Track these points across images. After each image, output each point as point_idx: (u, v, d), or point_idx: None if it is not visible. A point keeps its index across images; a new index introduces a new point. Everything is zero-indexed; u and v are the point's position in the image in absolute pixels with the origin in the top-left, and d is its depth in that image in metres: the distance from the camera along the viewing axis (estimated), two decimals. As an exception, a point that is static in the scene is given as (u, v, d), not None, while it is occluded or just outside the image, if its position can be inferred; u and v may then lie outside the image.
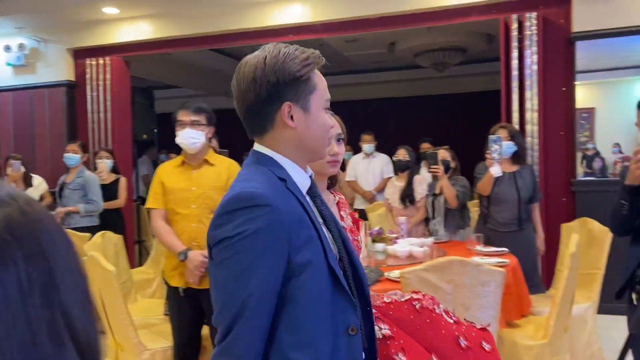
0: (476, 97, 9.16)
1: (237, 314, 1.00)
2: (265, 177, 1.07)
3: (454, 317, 1.62)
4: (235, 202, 1.03)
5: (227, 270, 1.02)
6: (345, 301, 1.08)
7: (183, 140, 2.56)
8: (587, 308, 3.20)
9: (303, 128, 1.11)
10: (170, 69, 8.25)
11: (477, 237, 3.26)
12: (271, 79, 1.07)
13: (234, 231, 1.01)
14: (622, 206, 2.03)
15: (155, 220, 2.61)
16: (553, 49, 4.65)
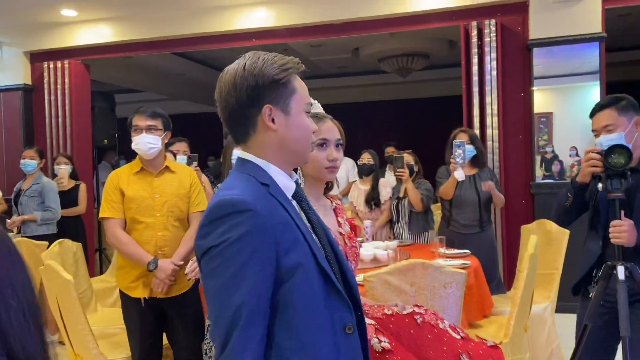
0: (438, 102, 9.33)
1: (232, 324, 0.99)
2: (247, 184, 1.09)
3: (461, 333, 1.62)
4: (217, 210, 1.04)
5: (216, 279, 1.02)
6: (339, 301, 1.10)
7: (139, 146, 2.49)
8: (545, 307, 3.29)
9: (284, 130, 1.13)
10: (131, 72, 8.10)
11: (439, 239, 3.31)
12: (250, 83, 1.10)
13: (218, 239, 1.02)
14: (566, 198, 2.16)
15: (114, 230, 2.47)
16: (511, 55, 4.79)
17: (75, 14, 5.60)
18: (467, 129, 3.88)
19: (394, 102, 9.70)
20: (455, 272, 2.30)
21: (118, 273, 2.59)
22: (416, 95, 10.04)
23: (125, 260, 2.53)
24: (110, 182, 2.52)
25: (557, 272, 3.37)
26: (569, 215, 2.23)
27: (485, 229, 3.76)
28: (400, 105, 9.87)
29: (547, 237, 3.50)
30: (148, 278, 2.50)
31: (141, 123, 2.51)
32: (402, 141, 6.47)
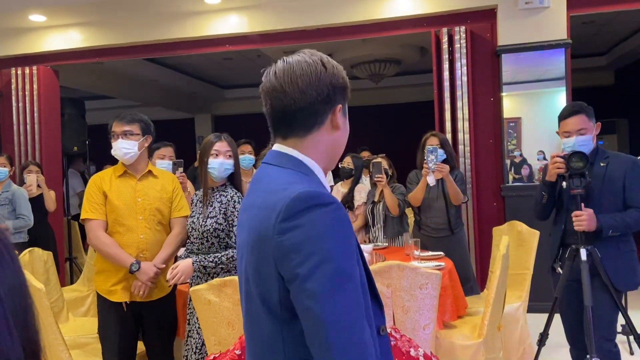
0: (411, 107, 9.47)
1: (347, 325, 0.94)
2: (310, 181, 1.07)
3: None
4: (299, 203, 0.98)
5: (314, 280, 0.94)
6: (375, 303, 1.10)
7: (116, 152, 2.53)
8: (518, 307, 3.36)
9: (342, 132, 1.16)
10: (103, 79, 7.97)
11: (414, 242, 3.35)
12: (333, 81, 1.11)
13: (307, 233, 0.96)
14: (542, 197, 2.60)
15: (96, 232, 2.47)
16: (481, 61, 4.90)
17: (43, 19, 5.50)
18: (437, 133, 3.94)
19: (367, 108, 9.79)
20: (430, 273, 2.34)
21: (97, 277, 2.56)
22: (389, 101, 10.16)
23: (105, 264, 2.51)
24: (93, 184, 2.53)
25: (528, 272, 3.44)
26: (546, 210, 2.64)
27: (456, 232, 3.81)
28: (373, 111, 9.96)
29: (518, 238, 3.58)
30: (129, 282, 2.50)
31: (117, 129, 2.54)
32: (375, 146, 6.53)
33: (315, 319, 0.94)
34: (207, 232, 2.44)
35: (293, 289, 0.97)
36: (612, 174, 2.43)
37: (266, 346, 1.06)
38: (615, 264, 2.41)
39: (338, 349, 0.92)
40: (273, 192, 1.04)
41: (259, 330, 1.07)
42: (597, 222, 2.37)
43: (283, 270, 0.98)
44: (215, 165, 2.48)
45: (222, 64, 8.52)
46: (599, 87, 9.36)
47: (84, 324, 3.42)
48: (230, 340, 2.13)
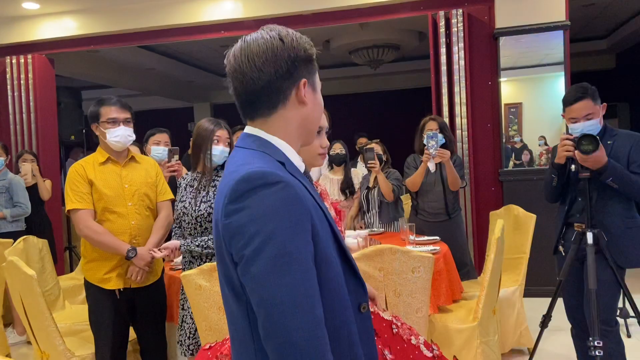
0: (409, 93, 9.41)
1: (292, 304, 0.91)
2: (263, 160, 1.03)
3: (435, 351, 1.62)
4: (245, 184, 0.96)
5: (260, 261, 0.92)
6: (354, 280, 1.09)
7: (120, 139, 2.49)
8: (514, 291, 3.35)
9: (311, 107, 1.11)
10: (99, 67, 7.93)
11: (409, 227, 3.33)
12: (291, 54, 1.05)
13: (252, 215, 0.94)
14: (552, 179, 2.55)
15: (86, 221, 2.42)
16: (479, 45, 4.84)
17: (37, 6, 5.44)
18: (436, 117, 3.90)
19: (365, 95, 9.74)
20: (422, 256, 2.32)
21: (87, 267, 2.52)
22: (387, 87, 10.10)
23: (96, 253, 2.48)
24: (76, 174, 2.46)
25: (524, 256, 3.43)
26: (555, 192, 2.59)
27: (453, 216, 3.78)
28: (371, 97, 9.91)
29: (515, 222, 3.56)
30: (123, 269, 2.49)
31: (119, 115, 2.50)
32: (373, 132, 6.49)
33: (259, 299, 0.93)
34: (201, 217, 2.43)
35: (240, 270, 0.96)
36: (617, 151, 2.41)
37: (238, 327, 1.04)
38: (621, 242, 2.40)
39: (281, 329, 0.90)
40: (227, 175, 1.04)
41: (231, 312, 1.07)
42: (604, 164, 2.29)
43: (232, 253, 0.97)
44: (217, 153, 2.48)
45: (220, 52, 8.44)
46: (600, 71, 9.28)
47: (81, 311, 3.41)
48: (221, 325, 2.12)
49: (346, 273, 1.06)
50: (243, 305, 1.00)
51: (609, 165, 2.30)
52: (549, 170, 2.60)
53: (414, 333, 1.65)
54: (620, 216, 2.42)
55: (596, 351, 2.19)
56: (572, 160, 2.41)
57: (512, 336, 3.32)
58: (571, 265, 2.46)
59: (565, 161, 2.46)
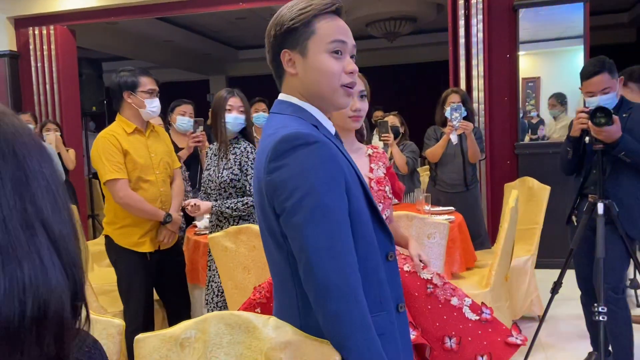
0: (426, 67, 9.35)
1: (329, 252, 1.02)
2: (298, 122, 1.13)
3: (486, 315, 1.56)
4: (284, 144, 1.06)
5: (300, 214, 1.03)
6: (382, 231, 1.20)
7: (157, 110, 2.63)
8: (526, 260, 3.44)
9: (302, 73, 1.16)
10: (118, 39, 8.01)
11: (425, 197, 3.41)
12: (272, 32, 1.17)
13: (292, 171, 1.04)
14: (567, 152, 2.59)
15: (126, 190, 2.51)
16: (497, 17, 4.82)
17: (58, -22, 5.52)
18: (459, 89, 3.94)
19: (382, 68, 9.70)
20: (438, 222, 2.41)
21: (119, 232, 2.62)
22: (404, 61, 10.04)
23: (130, 219, 2.58)
24: (110, 144, 2.51)
25: (537, 226, 3.50)
26: (571, 165, 2.63)
27: (471, 188, 3.86)
28: (388, 70, 9.87)
29: (529, 194, 3.62)
30: (153, 233, 2.64)
31: (155, 87, 2.63)
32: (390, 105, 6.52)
33: (300, 246, 1.04)
34: (224, 183, 2.54)
35: (282, 221, 1.07)
36: (632, 124, 2.43)
37: (281, 277, 1.16)
38: (633, 213, 2.46)
39: (320, 272, 1.02)
40: (266, 137, 1.13)
41: (273, 261, 1.19)
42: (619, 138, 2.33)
43: (275, 206, 1.08)
44: (230, 120, 2.57)
45: (236, 24, 8.47)
46: (620, 44, 9.12)
47: (108, 274, 3.57)
48: (246, 284, 2.25)
49: (375, 225, 1.16)
50: (284, 253, 1.11)
51: (622, 139, 2.34)
52: (564, 143, 2.64)
53: (458, 294, 1.61)
54: (633, 189, 2.47)
55: (600, 316, 2.27)
56: (587, 132, 2.45)
57: (523, 304, 3.42)
58: (583, 235, 2.52)
59: (580, 134, 2.50)
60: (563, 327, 3.40)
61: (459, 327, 1.56)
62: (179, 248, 2.83)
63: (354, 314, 1.02)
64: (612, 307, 2.37)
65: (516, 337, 1.58)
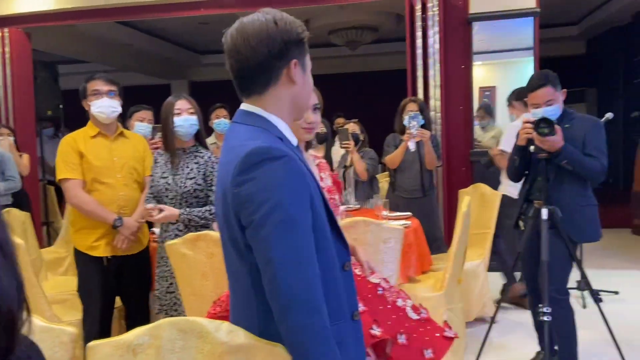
0: (386, 75, 9.52)
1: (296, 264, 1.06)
2: (266, 135, 1.15)
3: (423, 315, 1.73)
4: (253, 157, 1.08)
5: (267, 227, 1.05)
6: (340, 242, 1.24)
7: (103, 110, 2.59)
8: (479, 264, 3.57)
9: (301, 85, 1.21)
10: (76, 42, 7.84)
11: (383, 203, 3.50)
12: (284, 37, 1.16)
13: (260, 185, 1.06)
14: (514, 160, 2.74)
15: (75, 190, 2.55)
16: (453, 29, 4.99)
17: (13, -21, 5.38)
18: (416, 99, 4.07)
19: (343, 75, 9.84)
20: (394, 228, 2.49)
21: (76, 235, 2.66)
22: (365, 69, 10.21)
23: (85, 221, 2.61)
24: (67, 145, 2.58)
25: (489, 231, 3.64)
26: (518, 172, 2.78)
27: (428, 194, 3.98)
28: (350, 78, 10.02)
29: (482, 200, 3.76)
30: (110, 237, 2.61)
31: (102, 87, 2.61)
32: (352, 112, 6.62)
33: (266, 259, 1.07)
34: (187, 193, 2.50)
35: (249, 233, 1.10)
36: (574, 134, 2.58)
37: (242, 288, 1.19)
38: (575, 218, 2.59)
39: (285, 285, 1.05)
40: (233, 148, 1.15)
41: (235, 275, 1.22)
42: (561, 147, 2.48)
43: (241, 218, 1.11)
44: (181, 122, 2.50)
45: (198, 29, 8.42)
46: (570, 56, 9.54)
47: (63, 282, 3.51)
48: (204, 291, 2.26)
49: (333, 236, 1.21)
50: (246, 264, 1.14)
51: (564, 149, 2.49)
52: (512, 152, 2.78)
53: (401, 296, 1.75)
54: (575, 195, 2.62)
55: (545, 317, 2.39)
56: (532, 142, 2.58)
57: (476, 306, 3.55)
58: (529, 239, 2.65)
59: (526, 143, 2.63)
60: (513, 328, 3.54)
61: (405, 325, 1.67)
62: (144, 256, 2.78)
63: (317, 326, 1.06)
64: (556, 308, 2.50)
65: (449, 332, 1.74)
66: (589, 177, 2.59)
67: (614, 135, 8.49)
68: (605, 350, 2.95)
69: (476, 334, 3.34)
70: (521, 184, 2.89)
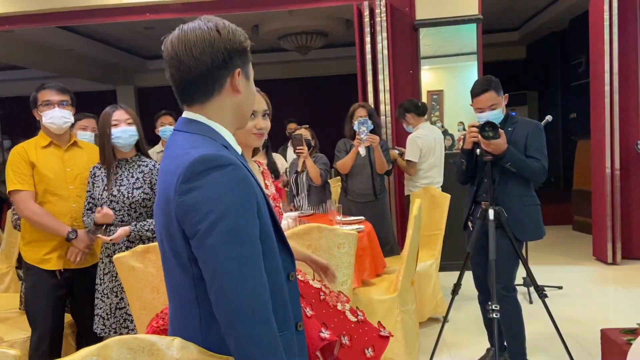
0: (337, 79, 9.62)
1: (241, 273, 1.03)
2: (210, 143, 1.12)
3: (360, 317, 1.80)
4: (198, 166, 1.05)
5: (214, 237, 1.03)
6: (285, 252, 1.22)
7: (54, 120, 2.52)
8: (431, 264, 3.64)
9: (245, 94, 1.20)
10: (13, 47, 7.50)
11: (337, 208, 3.52)
12: (227, 46, 1.13)
13: (205, 194, 1.04)
14: (462, 163, 2.80)
15: (27, 203, 2.46)
16: (400, 35, 5.10)
17: (-58, -19, 5.09)
18: (365, 104, 4.12)
19: (294, 80, 9.85)
20: (347, 233, 2.50)
21: (27, 247, 2.56)
22: (316, 73, 10.26)
23: (37, 234, 2.52)
24: (18, 156, 2.50)
25: (440, 232, 3.73)
26: (466, 175, 2.84)
27: (380, 197, 4.04)
28: (301, 83, 10.04)
29: (432, 202, 3.85)
30: (63, 249, 2.53)
31: (53, 98, 2.53)
32: (303, 117, 6.64)
33: (213, 270, 1.04)
34: (135, 203, 2.47)
35: (194, 244, 1.07)
36: (516, 137, 2.69)
37: (183, 300, 1.15)
38: (519, 218, 2.69)
39: (233, 295, 1.03)
40: (176, 156, 1.12)
41: (176, 286, 1.17)
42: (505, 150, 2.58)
43: (185, 228, 1.07)
44: (119, 134, 2.47)
45: (144, 34, 8.23)
46: (512, 60, 9.93)
47: (5, 299, 3.34)
48: (155, 304, 2.20)
49: (279, 245, 1.20)
50: (189, 276, 1.11)
51: (508, 151, 2.59)
52: (459, 155, 2.86)
53: (340, 300, 1.81)
54: (519, 195, 2.72)
55: (494, 314, 2.47)
56: (478, 145, 2.68)
57: (429, 306, 3.62)
58: (477, 239, 2.73)
59: (472, 146, 2.72)
60: (465, 326, 3.64)
61: (346, 327, 1.74)
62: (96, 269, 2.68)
63: (265, 336, 1.04)
64: (504, 305, 2.58)
65: (384, 332, 1.84)
66: (531, 178, 2.70)
67: (554, 136, 8.90)
68: (552, 344, 3.07)
69: (429, 334, 3.41)
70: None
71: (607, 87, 4.88)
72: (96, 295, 2.54)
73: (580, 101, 7.54)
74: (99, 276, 2.55)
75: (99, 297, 2.52)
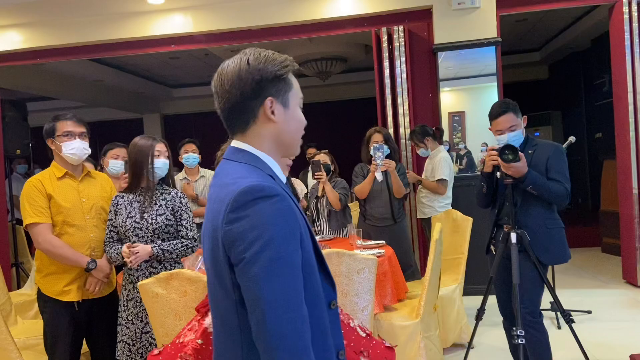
0: (356, 103, 9.71)
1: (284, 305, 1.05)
2: (258, 174, 1.16)
3: (367, 331, 1.83)
4: (246, 196, 1.08)
5: (258, 264, 1.05)
6: (326, 280, 1.24)
7: (76, 152, 2.56)
8: (454, 289, 3.60)
9: (283, 122, 1.20)
10: (45, 79, 7.80)
11: (357, 232, 3.52)
12: (255, 77, 1.17)
13: (252, 223, 1.06)
14: (482, 187, 2.81)
15: (45, 235, 2.47)
16: (419, 59, 5.14)
17: (-20, 19, 5.36)
18: (381, 129, 4.15)
19: (315, 105, 9.97)
20: (367, 258, 2.50)
21: (45, 280, 2.56)
22: (336, 98, 10.37)
23: (55, 266, 2.52)
24: (34, 188, 2.50)
25: (463, 256, 3.69)
26: (486, 199, 2.83)
27: (399, 221, 4.03)
28: (321, 108, 10.15)
29: (454, 225, 3.82)
30: (81, 280, 2.56)
31: (75, 129, 2.57)
32: (323, 142, 6.70)
33: (255, 298, 1.07)
34: (159, 229, 2.52)
35: (238, 272, 1.10)
36: (537, 160, 2.66)
37: (226, 325, 1.18)
38: (543, 241, 2.64)
39: (273, 324, 1.05)
40: (225, 185, 1.15)
41: (219, 311, 1.20)
42: (526, 173, 2.56)
43: (231, 256, 1.10)
44: (160, 165, 2.58)
45: (169, 63, 8.48)
46: (534, 81, 9.87)
47: (33, 326, 3.41)
48: (177, 330, 2.23)
49: (320, 274, 1.21)
50: (232, 302, 1.14)
51: (529, 174, 2.57)
52: (479, 179, 2.85)
53: (350, 318, 1.85)
54: (542, 218, 2.68)
55: (519, 339, 2.43)
56: (498, 168, 2.67)
57: (453, 331, 3.56)
58: (500, 263, 2.70)
59: (492, 169, 2.71)
60: (491, 352, 3.56)
61: (362, 344, 1.76)
62: (114, 297, 2.73)
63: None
64: (530, 330, 2.54)
65: (389, 344, 1.88)
66: (553, 201, 2.66)
67: (580, 156, 8.76)
68: (580, 370, 2.98)
69: (455, 360, 3.36)
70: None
71: (631, 107, 4.82)
72: (119, 322, 2.57)
73: (605, 120, 7.43)
74: (122, 303, 2.58)
75: (123, 324, 2.55)
